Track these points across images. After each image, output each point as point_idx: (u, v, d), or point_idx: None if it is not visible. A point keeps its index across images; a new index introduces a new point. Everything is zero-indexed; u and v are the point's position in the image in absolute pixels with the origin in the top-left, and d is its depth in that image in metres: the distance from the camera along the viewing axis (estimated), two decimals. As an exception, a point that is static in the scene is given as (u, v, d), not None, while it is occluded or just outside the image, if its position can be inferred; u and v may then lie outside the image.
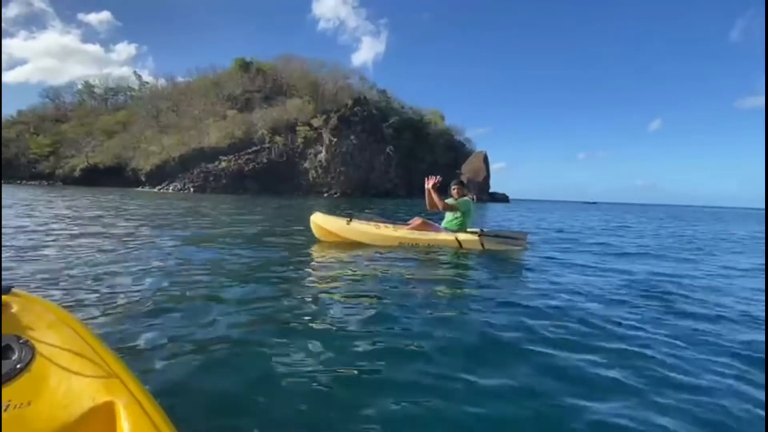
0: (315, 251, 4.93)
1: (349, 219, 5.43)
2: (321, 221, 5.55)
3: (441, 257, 4.71)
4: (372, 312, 2.55)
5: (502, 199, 62.04)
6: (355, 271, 3.74)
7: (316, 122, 57.03)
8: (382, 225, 5.44)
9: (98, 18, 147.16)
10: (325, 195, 49.90)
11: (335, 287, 3.17)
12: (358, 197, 45.82)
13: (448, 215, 5.49)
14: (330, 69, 71.17)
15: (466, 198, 5.51)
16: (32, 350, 0.91)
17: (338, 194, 50.69)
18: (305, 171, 55.20)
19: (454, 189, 5.53)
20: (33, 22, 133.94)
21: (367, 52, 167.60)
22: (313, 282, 3.39)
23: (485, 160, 58.09)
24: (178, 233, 6.33)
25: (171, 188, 48.15)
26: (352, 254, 4.61)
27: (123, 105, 75.06)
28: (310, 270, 3.87)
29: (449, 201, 5.51)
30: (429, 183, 5.14)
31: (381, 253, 4.68)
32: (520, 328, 2.33)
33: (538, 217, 17.74)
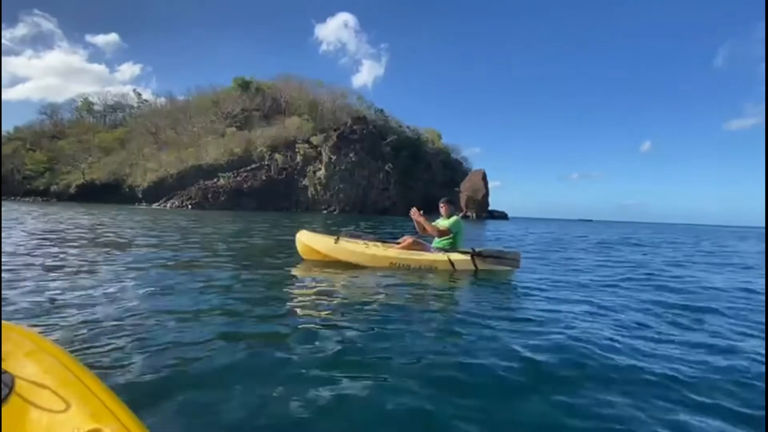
0: (299, 272, 4.55)
1: (336, 237, 5.15)
2: (307, 240, 5.22)
3: (433, 279, 4.46)
4: (358, 340, 2.32)
5: (501, 216, 62.14)
6: (342, 295, 3.45)
7: (316, 140, 57.39)
8: (371, 244, 5.19)
9: (105, 39, 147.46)
10: (324, 212, 49.72)
11: (320, 311, 2.91)
12: (356, 215, 45.67)
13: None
14: (328, 88, 72.30)
15: (456, 217, 5.31)
16: (10, 381, 0.86)
17: (337, 211, 50.54)
18: (304, 188, 55.17)
19: (442, 207, 5.32)
20: (39, 42, 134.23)
21: (367, 75, 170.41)
22: (297, 303, 3.15)
23: (484, 177, 58.29)
24: (162, 252, 6.00)
25: (169, 205, 47.72)
26: (340, 275, 4.31)
27: (121, 122, 75.19)
28: (294, 292, 3.59)
29: (439, 223, 5.31)
30: (415, 215, 5.12)
31: (370, 274, 4.42)
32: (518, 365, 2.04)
33: (555, 236, 17.60)
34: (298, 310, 2.91)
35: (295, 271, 4.55)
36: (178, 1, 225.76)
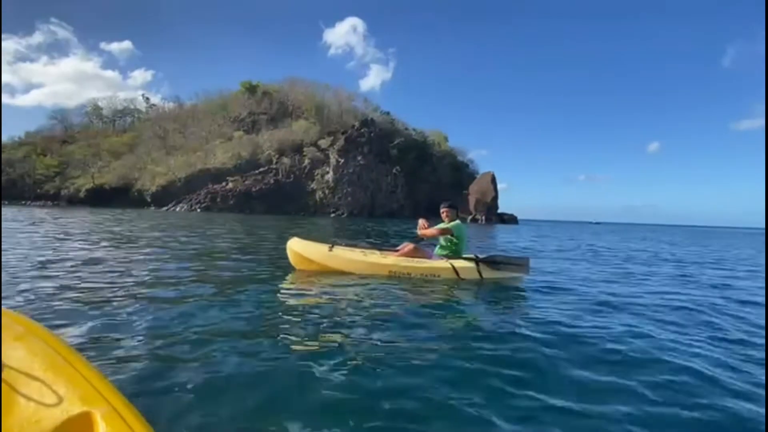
0: (291, 284, 4.16)
1: (331, 245, 4.86)
2: (299, 248, 4.89)
3: (435, 289, 4.12)
4: (355, 361, 2.06)
5: (511, 220, 61.09)
6: (339, 308, 3.13)
7: (324, 143, 57.38)
8: (368, 251, 4.91)
9: (120, 47, 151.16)
10: (332, 215, 49.55)
11: (314, 326, 2.61)
12: (364, 217, 45.42)
13: (441, 240, 5.05)
14: (335, 91, 72.35)
15: (458, 221, 5.04)
16: None
17: (345, 214, 50.36)
18: (312, 191, 55.10)
19: (443, 212, 5.05)
20: (55, 49, 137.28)
21: (374, 79, 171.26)
22: (289, 320, 2.81)
23: (493, 180, 57.49)
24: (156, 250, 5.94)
25: (178, 208, 47.87)
26: (335, 286, 3.97)
27: (130, 127, 75.78)
28: (284, 307, 3.21)
29: (441, 226, 5.06)
30: (422, 226, 5.09)
31: (369, 284, 4.08)
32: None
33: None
34: (290, 327, 2.59)
35: (286, 284, 4.15)
36: (190, 8, 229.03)
